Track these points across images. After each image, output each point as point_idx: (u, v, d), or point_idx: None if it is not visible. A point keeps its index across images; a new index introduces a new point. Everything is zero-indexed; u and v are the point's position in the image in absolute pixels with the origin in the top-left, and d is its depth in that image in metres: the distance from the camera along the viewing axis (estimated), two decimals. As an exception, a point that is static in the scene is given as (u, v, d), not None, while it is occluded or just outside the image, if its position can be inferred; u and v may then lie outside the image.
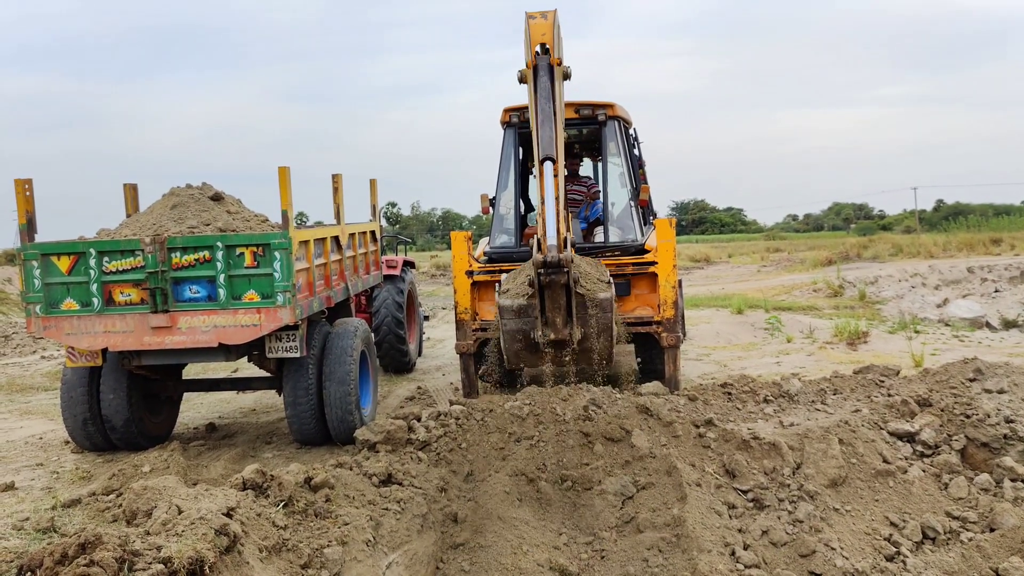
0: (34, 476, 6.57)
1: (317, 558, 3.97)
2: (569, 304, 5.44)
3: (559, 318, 5.46)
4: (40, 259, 6.26)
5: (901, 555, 4.45)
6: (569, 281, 5.40)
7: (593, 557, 4.57)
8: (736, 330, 13.31)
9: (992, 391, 5.69)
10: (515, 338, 5.62)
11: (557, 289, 5.40)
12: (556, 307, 5.44)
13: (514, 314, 5.58)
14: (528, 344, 5.62)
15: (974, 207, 45.87)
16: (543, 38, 5.56)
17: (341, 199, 7.92)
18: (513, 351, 5.70)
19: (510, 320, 5.59)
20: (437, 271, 30.56)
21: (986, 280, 18.67)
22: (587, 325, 5.53)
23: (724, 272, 28.66)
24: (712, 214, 73.57)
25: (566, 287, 5.42)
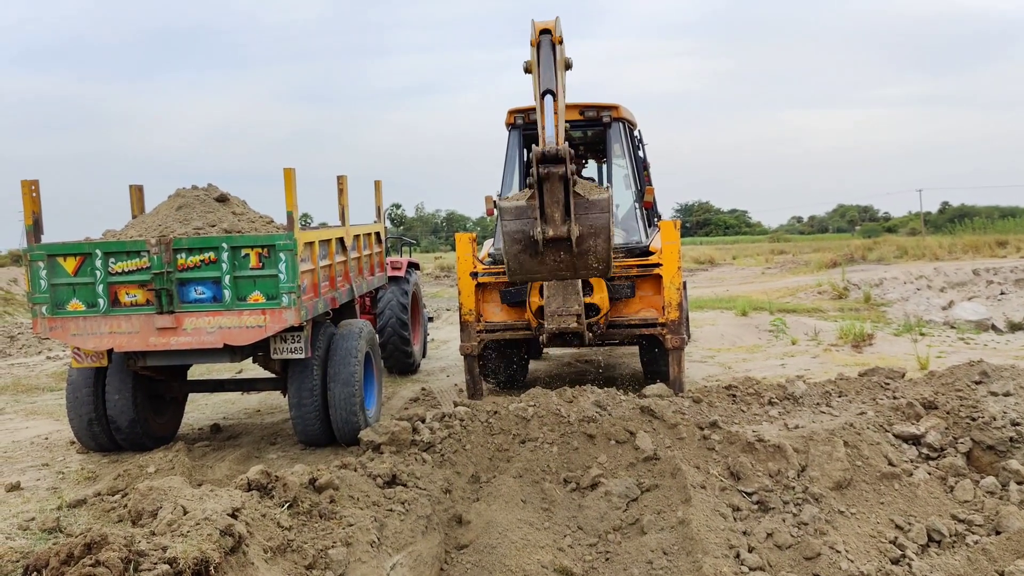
0: (40, 476, 6.59)
1: (322, 559, 3.98)
2: (567, 200, 5.37)
3: (558, 213, 5.39)
4: (46, 260, 6.28)
5: (906, 558, 4.43)
6: (567, 173, 5.32)
7: (597, 559, 4.57)
8: (740, 332, 13.29)
9: (998, 394, 5.67)
10: (515, 239, 5.53)
11: (555, 182, 5.35)
12: (554, 201, 5.37)
13: (514, 214, 5.51)
14: (528, 245, 5.51)
15: (980, 209, 45.76)
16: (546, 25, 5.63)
17: (346, 200, 7.93)
18: (513, 254, 5.59)
19: (510, 221, 5.52)
20: (441, 272, 30.58)
21: (992, 282, 18.60)
22: (585, 224, 5.45)
23: (728, 274, 28.62)
24: (716, 216, 73.50)
25: (564, 180, 5.35)
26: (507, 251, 5.64)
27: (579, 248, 5.48)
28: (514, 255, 5.60)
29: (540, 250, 5.51)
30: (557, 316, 7.43)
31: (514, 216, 5.53)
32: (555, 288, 7.43)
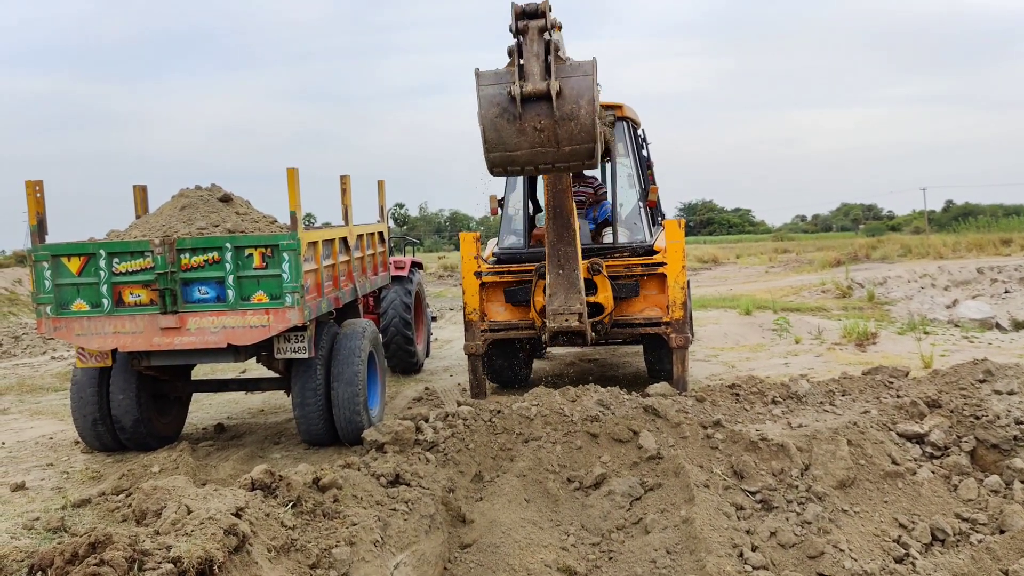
0: (44, 476, 6.60)
1: (325, 558, 3.98)
2: (548, 56, 4.98)
3: (537, 68, 4.99)
4: (51, 260, 6.30)
5: (910, 557, 4.43)
6: (547, 26, 4.96)
7: (601, 558, 4.57)
8: (744, 331, 13.28)
9: (1002, 392, 5.66)
10: (492, 102, 5.05)
11: (534, 35, 4.99)
12: (534, 55, 4.98)
13: (492, 78, 5.07)
14: (506, 108, 5.03)
15: (984, 207, 45.63)
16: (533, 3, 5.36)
17: (349, 200, 7.94)
18: (490, 120, 5.08)
19: (488, 85, 5.06)
20: (445, 272, 30.58)
21: (996, 281, 18.56)
22: (567, 85, 4.98)
23: (732, 273, 28.60)
24: (720, 215, 73.44)
25: (542, 32, 5.00)
26: (484, 118, 5.12)
27: (561, 112, 4.99)
28: (491, 120, 5.10)
29: (519, 112, 5.03)
30: (558, 315, 7.37)
31: (493, 80, 5.08)
32: (557, 286, 7.39)
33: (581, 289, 7.35)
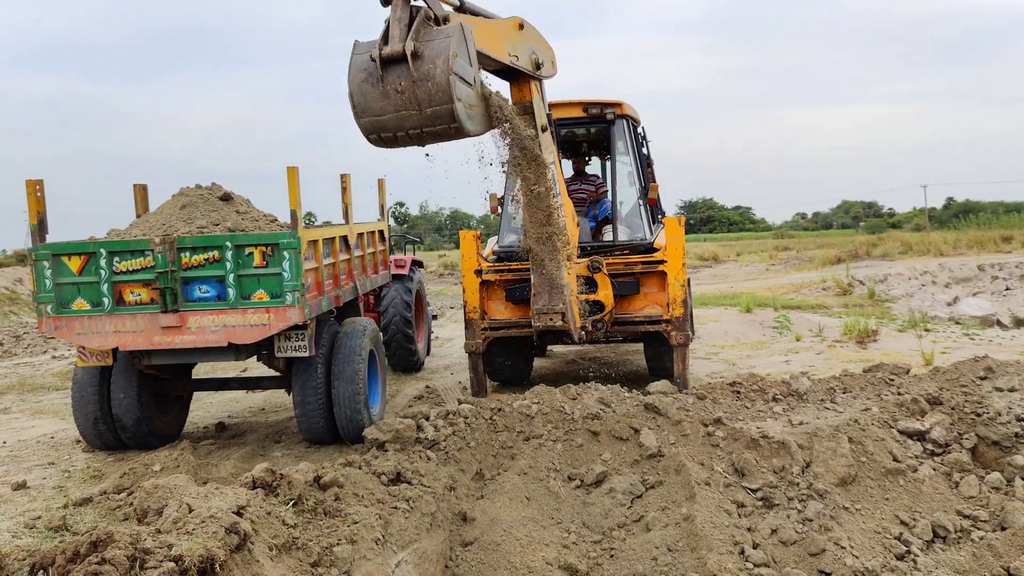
0: (46, 475, 6.61)
1: (327, 556, 3.98)
2: (411, 21, 5.02)
3: (398, 31, 5.05)
4: (51, 259, 6.30)
5: (912, 554, 4.43)
6: None
7: (602, 556, 4.57)
8: (745, 329, 13.28)
9: (1003, 389, 5.66)
10: (359, 68, 5.14)
11: (399, 2, 5.07)
12: (397, 19, 5.05)
13: (364, 47, 5.17)
14: (371, 74, 5.10)
15: (984, 205, 45.65)
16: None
17: (349, 199, 7.94)
18: (357, 84, 5.16)
19: (358, 54, 5.18)
20: (445, 270, 30.59)
21: (997, 278, 18.56)
22: (428, 47, 5.00)
23: (732, 271, 28.60)
24: (720, 212, 73.41)
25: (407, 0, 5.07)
26: (351, 83, 5.19)
27: (418, 73, 5.00)
28: (357, 85, 5.17)
29: (380, 75, 5.07)
30: (542, 314, 7.42)
31: (364, 48, 5.19)
32: (541, 286, 7.43)
33: (563, 288, 7.37)
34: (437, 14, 5.23)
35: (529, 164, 6.86)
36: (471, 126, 5.29)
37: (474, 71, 5.24)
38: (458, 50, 5.06)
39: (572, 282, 7.61)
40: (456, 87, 5.04)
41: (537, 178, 6.98)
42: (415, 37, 5.01)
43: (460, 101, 5.08)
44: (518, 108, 6.92)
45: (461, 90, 5.11)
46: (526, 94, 6.89)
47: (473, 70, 5.23)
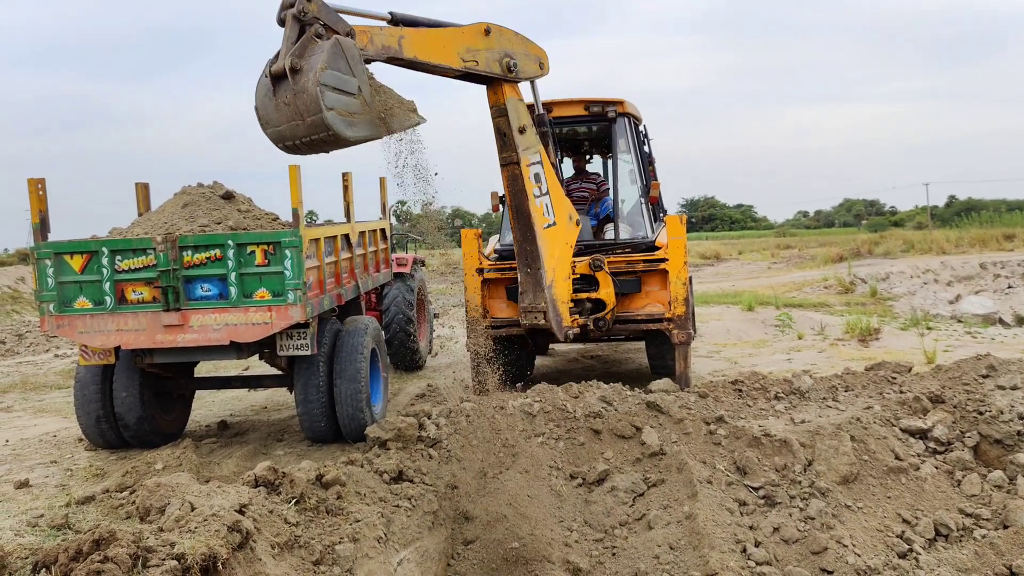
0: (48, 473, 6.62)
1: (329, 555, 3.99)
2: (299, 38, 5.45)
3: (285, 48, 5.47)
4: (53, 258, 6.30)
5: (914, 552, 4.43)
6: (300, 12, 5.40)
7: (604, 554, 4.58)
8: (747, 327, 13.27)
9: (1005, 387, 5.65)
10: (261, 84, 5.61)
11: (290, 21, 5.47)
12: (286, 38, 5.48)
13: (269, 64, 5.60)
14: (269, 89, 5.56)
15: (987, 203, 45.54)
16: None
17: (351, 197, 7.94)
18: (259, 98, 5.62)
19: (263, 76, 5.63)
20: (447, 269, 30.57)
21: (999, 276, 18.54)
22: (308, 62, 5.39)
23: (734, 269, 28.58)
24: (722, 211, 73.38)
25: (296, 18, 5.44)
26: (256, 98, 5.63)
27: (296, 86, 5.38)
28: (260, 99, 5.61)
29: (271, 90, 5.48)
30: (528, 312, 7.47)
31: (268, 65, 5.60)
32: (526, 285, 7.48)
33: (544, 287, 7.42)
34: (339, 30, 5.60)
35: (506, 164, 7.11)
36: (351, 133, 5.56)
37: (357, 80, 5.57)
38: (329, 62, 5.39)
39: (560, 280, 7.62)
40: (325, 97, 5.32)
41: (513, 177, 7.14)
42: (298, 53, 5.38)
43: (332, 110, 5.36)
44: (494, 111, 7.09)
45: (332, 99, 5.39)
46: (499, 97, 7.05)
47: (355, 80, 5.56)
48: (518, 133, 7.09)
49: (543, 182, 7.35)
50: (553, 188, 7.50)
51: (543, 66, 7.32)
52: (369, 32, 5.97)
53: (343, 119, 5.56)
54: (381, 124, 5.90)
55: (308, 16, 5.67)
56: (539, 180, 7.28)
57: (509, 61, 6.90)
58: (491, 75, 6.88)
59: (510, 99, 7.06)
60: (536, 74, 7.27)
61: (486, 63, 6.78)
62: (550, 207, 7.43)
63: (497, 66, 6.86)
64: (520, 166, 7.13)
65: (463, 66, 6.61)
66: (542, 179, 7.32)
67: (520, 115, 7.13)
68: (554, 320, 7.51)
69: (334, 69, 5.51)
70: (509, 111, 7.06)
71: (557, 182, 7.59)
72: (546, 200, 7.40)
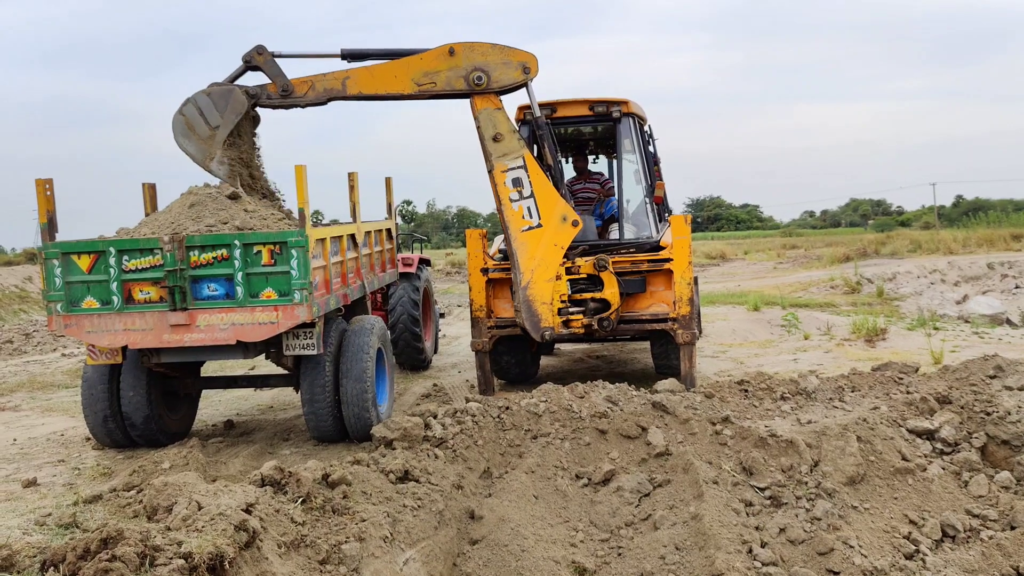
0: (56, 472, 6.65)
1: (335, 554, 4.00)
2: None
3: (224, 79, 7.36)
4: (61, 258, 6.33)
5: (920, 553, 4.42)
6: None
7: (610, 554, 4.58)
8: (752, 327, 13.25)
9: (1013, 388, 5.64)
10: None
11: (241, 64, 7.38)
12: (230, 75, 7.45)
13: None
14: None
15: (994, 203, 45.39)
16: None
17: (357, 197, 7.95)
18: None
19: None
20: (452, 269, 30.61)
21: (1006, 276, 18.48)
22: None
23: (740, 269, 28.53)
24: (728, 211, 73.25)
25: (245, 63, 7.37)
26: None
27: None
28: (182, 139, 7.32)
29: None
30: (517, 312, 7.61)
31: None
32: (516, 285, 7.58)
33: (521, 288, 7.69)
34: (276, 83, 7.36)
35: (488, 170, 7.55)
36: (179, 140, 7.23)
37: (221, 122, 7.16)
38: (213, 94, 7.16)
39: (541, 281, 7.69)
40: (185, 107, 7.15)
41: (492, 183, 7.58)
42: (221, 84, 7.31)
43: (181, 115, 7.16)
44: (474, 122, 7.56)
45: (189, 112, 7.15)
46: (473, 109, 7.50)
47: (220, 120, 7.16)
48: (492, 141, 7.51)
49: (525, 185, 7.55)
50: (540, 190, 7.59)
51: (528, 70, 7.53)
52: (310, 81, 7.19)
53: (183, 128, 7.11)
54: (208, 159, 7.19)
55: (252, 63, 7.27)
56: (519, 184, 7.57)
57: (476, 75, 7.33)
58: (453, 93, 7.38)
59: (482, 110, 7.48)
60: (517, 80, 7.52)
61: (446, 82, 7.34)
62: (533, 209, 7.61)
63: (462, 83, 7.35)
64: (494, 172, 7.52)
65: (418, 90, 7.30)
66: (523, 183, 7.57)
67: (495, 123, 7.49)
68: (528, 321, 7.67)
69: (213, 100, 7.09)
70: (481, 121, 7.48)
71: (547, 184, 7.63)
72: (528, 203, 7.61)
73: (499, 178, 7.51)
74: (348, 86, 7.23)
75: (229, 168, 7.25)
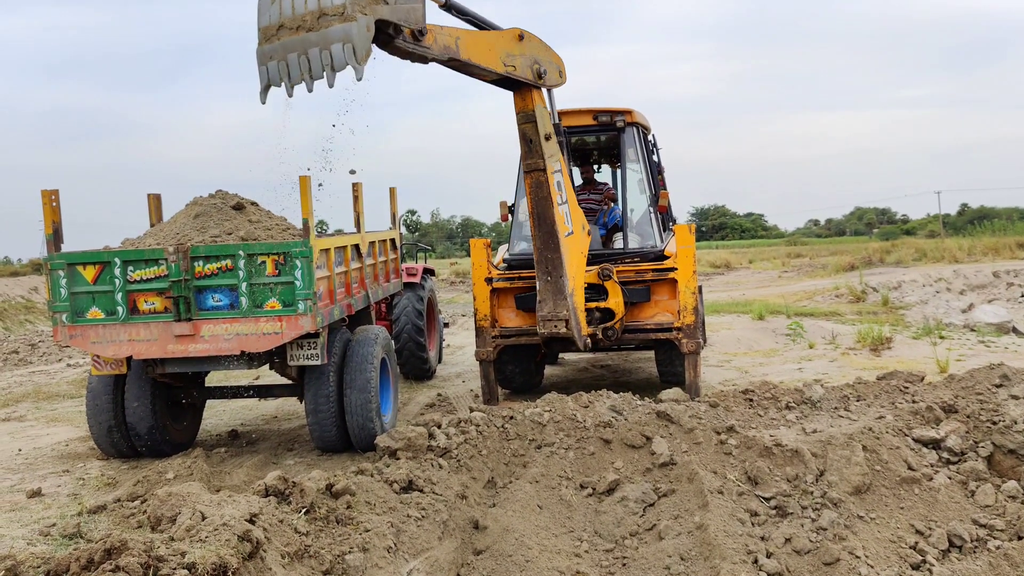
0: (60, 483, 6.65)
1: (339, 564, 3.99)
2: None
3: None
4: (66, 269, 6.35)
5: (927, 563, 4.39)
6: None
7: (614, 564, 4.56)
8: (757, 336, 13.22)
9: (1019, 397, 5.60)
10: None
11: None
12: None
13: None
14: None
15: (999, 211, 45.34)
16: None
17: (361, 207, 7.97)
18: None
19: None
20: (457, 278, 30.63)
21: (1012, 285, 18.41)
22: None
23: (745, 278, 28.48)
24: (732, 220, 73.28)
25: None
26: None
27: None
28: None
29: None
30: (547, 321, 7.45)
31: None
32: (545, 293, 7.45)
33: (567, 295, 7.40)
34: (412, 27, 5.40)
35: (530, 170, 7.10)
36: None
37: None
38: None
39: (578, 289, 7.61)
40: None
41: (538, 184, 7.11)
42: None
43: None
44: (521, 117, 7.05)
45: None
46: (528, 103, 7.07)
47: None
48: (544, 140, 7.13)
49: (563, 191, 7.39)
50: (571, 197, 7.53)
51: (562, 75, 7.41)
52: (434, 32, 5.77)
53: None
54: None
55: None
56: (560, 189, 7.34)
57: (539, 68, 6.97)
58: (526, 80, 6.89)
59: (538, 105, 7.11)
60: (557, 83, 7.36)
61: (522, 68, 6.81)
62: (569, 216, 7.46)
63: (530, 72, 6.90)
64: (546, 173, 7.15)
65: (504, 70, 6.60)
66: (563, 188, 7.38)
67: (546, 122, 7.20)
68: (576, 329, 7.51)
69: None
70: (537, 117, 7.08)
71: (573, 192, 7.63)
72: (566, 209, 7.44)
73: (550, 179, 7.21)
74: (460, 47, 6.07)
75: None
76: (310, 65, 5.09)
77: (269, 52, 5.22)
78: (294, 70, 5.14)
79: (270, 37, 5.24)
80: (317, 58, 5.05)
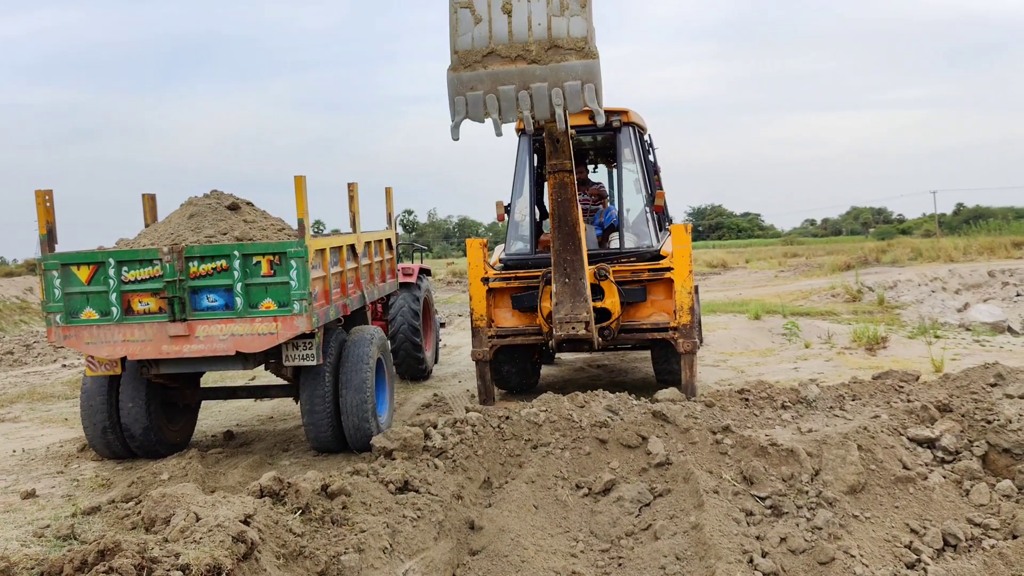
0: (54, 484, 6.63)
1: (334, 565, 3.98)
2: None
3: None
4: (60, 269, 6.33)
5: (922, 562, 4.39)
6: None
7: (610, 564, 4.56)
8: (753, 336, 13.23)
9: (1014, 396, 5.61)
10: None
11: None
12: None
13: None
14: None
15: (995, 210, 45.42)
16: None
17: (357, 207, 7.96)
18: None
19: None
20: (453, 278, 30.63)
21: (1007, 284, 18.45)
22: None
23: (741, 277, 28.51)
24: (729, 219, 73.35)
25: None
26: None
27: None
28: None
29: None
30: (565, 323, 7.41)
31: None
32: (563, 294, 7.40)
33: (588, 297, 7.37)
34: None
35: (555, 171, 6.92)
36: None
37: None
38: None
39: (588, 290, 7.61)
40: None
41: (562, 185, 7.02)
42: None
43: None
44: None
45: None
46: None
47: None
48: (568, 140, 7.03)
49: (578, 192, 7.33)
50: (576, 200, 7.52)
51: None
52: None
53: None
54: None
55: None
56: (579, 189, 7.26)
57: None
58: None
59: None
60: None
61: None
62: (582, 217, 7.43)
63: None
64: (572, 173, 7.07)
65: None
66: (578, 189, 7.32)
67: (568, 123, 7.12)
68: (595, 330, 7.49)
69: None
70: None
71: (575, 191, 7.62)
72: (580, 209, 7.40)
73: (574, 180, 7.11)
74: None
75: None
76: (532, 103, 4.53)
77: (470, 81, 4.60)
78: (508, 105, 4.49)
79: (472, 63, 4.65)
80: (544, 95, 4.45)
